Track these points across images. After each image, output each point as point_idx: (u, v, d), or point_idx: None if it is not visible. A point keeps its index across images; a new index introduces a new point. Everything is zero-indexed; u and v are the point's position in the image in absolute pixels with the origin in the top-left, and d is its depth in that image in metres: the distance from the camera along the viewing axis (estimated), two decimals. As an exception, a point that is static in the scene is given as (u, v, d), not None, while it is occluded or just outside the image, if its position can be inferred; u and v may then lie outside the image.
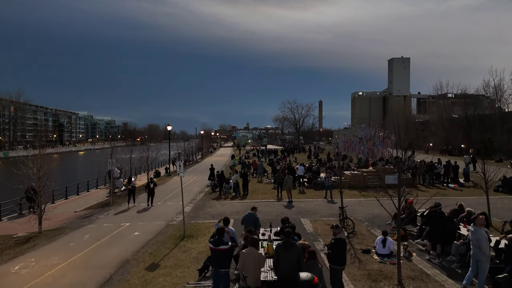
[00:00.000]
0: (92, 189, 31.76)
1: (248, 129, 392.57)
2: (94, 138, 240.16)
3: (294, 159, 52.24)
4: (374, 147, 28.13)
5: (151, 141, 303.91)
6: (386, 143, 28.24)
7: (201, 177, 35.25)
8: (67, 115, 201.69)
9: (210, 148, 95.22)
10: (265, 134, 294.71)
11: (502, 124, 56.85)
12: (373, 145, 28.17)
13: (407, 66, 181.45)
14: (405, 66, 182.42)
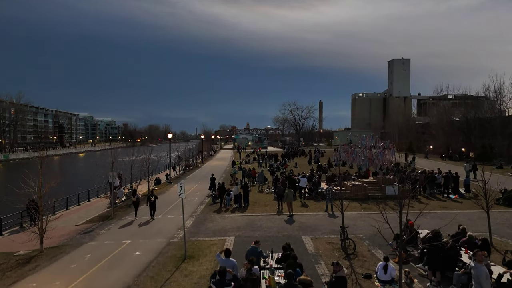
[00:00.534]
0: (92, 198, 31.76)
1: (248, 129, 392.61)
2: (94, 139, 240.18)
3: (294, 164, 52.26)
4: (374, 157, 28.08)
5: (151, 141, 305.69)
6: (386, 153, 28.18)
7: (202, 185, 35.22)
8: (68, 116, 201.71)
9: (210, 151, 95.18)
10: (266, 135, 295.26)
11: (503, 129, 56.81)
12: (374, 155, 28.12)
13: (407, 67, 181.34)
14: (405, 67, 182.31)
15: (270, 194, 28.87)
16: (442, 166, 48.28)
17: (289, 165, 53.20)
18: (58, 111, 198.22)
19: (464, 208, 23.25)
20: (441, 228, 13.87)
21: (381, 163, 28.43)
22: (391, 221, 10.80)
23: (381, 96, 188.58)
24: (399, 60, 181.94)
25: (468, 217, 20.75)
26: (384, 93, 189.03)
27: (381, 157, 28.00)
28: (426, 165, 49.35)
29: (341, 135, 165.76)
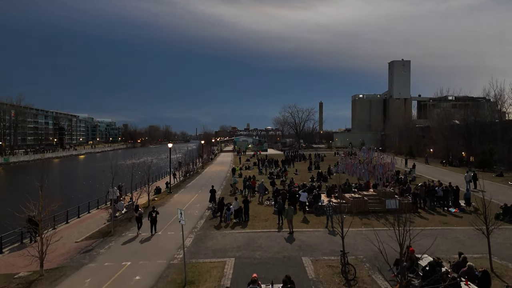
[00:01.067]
0: (92, 210, 31.68)
1: (249, 130, 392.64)
2: (94, 140, 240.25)
3: (294, 170, 52.21)
4: (374, 170, 28.07)
5: (151, 142, 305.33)
6: (386, 166, 28.16)
7: (202, 195, 35.15)
8: (68, 118, 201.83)
9: (210, 155, 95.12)
10: (266, 136, 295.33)
11: (503, 134, 56.80)
12: (374, 168, 28.10)
13: (408, 69, 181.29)
14: (406, 69, 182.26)
15: (270, 206, 28.86)
16: (442, 173, 48.30)
17: (289, 172, 53.19)
18: (58, 112, 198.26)
19: (464, 224, 23.22)
20: (442, 246, 13.87)
21: (381, 175, 28.40)
22: (392, 242, 10.82)
23: (381, 97, 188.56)
24: (399, 61, 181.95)
25: (468, 235, 20.74)
26: (384, 95, 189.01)
27: (381, 169, 27.99)
28: (426, 172, 49.39)
29: (341, 137, 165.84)
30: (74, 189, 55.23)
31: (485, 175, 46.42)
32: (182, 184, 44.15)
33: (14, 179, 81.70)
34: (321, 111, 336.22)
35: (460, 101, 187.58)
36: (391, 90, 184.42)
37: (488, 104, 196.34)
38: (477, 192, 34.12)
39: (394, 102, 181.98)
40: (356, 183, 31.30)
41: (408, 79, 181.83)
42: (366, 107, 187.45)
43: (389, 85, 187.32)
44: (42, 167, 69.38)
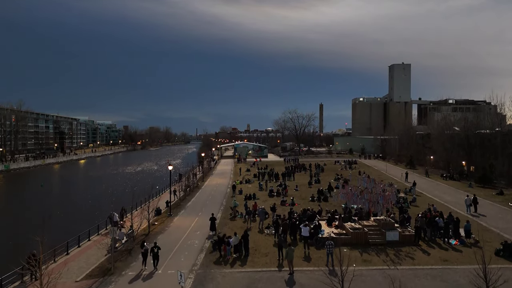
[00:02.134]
0: (93, 236, 31.56)
1: (249, 131, 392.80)
2: (95, 143, 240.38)
3: (295, 186, 52.07)
4: (375, 199, 28.08)
5: (151, 144, 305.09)
6: (387, 197, 28.15)
7: (202, 219, 35.06)
8: (68, 121, 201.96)
9: (211, 163, 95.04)
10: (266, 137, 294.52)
11: (503, 148, 56.77)
12: (374, 198, 28.11)
13: (408, 72, 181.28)
14: (406, 72, 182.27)
15: (270, 236, 28.81)
16: (442, 190, 48.11)
17: (290, 186, 53.21)
18: (58, 116, 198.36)
19: (464, 261, 23.11)
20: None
21: (382, 206, 28.39)
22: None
23: (382, 101, 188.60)
24: (400, 65, 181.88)
25: (468, 278, 20.66)
26: (385, 98, 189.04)
27: (382, 200, 27.99)
28: (427, 189, 49.25)
29: (341, 141, 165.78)
30: (74, 205, 55.27)
31: (485, 192, 46.66)
32: (182, 203, 44.10)
33: (14, 188, 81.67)
34: (321, 112, 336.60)
35: (460, 105, 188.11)
36: (392, 94, 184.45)
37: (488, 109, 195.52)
38: (477, 216, 34.16)
39: (394, 106, 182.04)
40: (356, 209, 31.19)
41: (409, 83, 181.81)
42: (366, 111, 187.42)
43: (389, 88, 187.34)
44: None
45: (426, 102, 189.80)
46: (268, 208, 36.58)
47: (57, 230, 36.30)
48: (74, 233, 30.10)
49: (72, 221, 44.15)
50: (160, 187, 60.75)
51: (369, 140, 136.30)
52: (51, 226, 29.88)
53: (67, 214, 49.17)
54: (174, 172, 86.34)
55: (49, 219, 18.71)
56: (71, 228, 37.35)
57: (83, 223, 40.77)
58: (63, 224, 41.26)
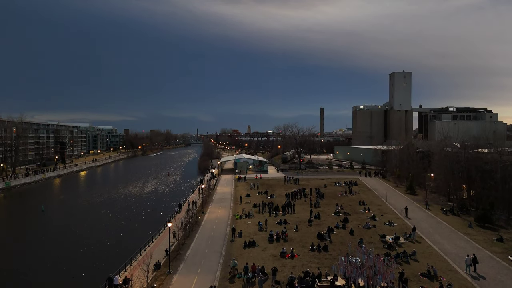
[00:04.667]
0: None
1: (250, 133, 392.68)
2: (96, 149, 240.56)
3: (295, 225, 51.83)
4: (374, 276, 27.97)
5: (152, 149, 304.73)
6: (386, 274, 28.05)
7: (201, 280, 35.02)
8: (69, 129, 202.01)
9: (211, 180, 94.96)
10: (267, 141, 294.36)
11: (503, 184, 56.58)
12: (374, 274, 28.01)
13: (408, 80, 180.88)
14: (406, 80, 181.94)
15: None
16: (443, 233, 47.50)
17: (290, 223, 53.19)
18: (59, 125, 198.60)
19: None
20: None
21: (381, 280, 28.26)
22: None
23: (382, 108, 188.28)
24: (400, 73, 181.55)
25: None
26: (385, 106, 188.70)
27: (380, 279, 27.89)
28: (427, 231, 48.97)
29: (341, 150, 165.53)
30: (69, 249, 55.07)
31: (484, 237, 46.52)
32: (182, 250, 43.97)
33: (14, 210, 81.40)
34: (322, 116, 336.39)
35: (461, 112, 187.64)
36: (392, 102, 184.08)
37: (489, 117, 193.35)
38: (477, 279, 34.06)
39: (395, 114, 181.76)
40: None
41: (409, 91, 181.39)
42: (367, 118, 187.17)
43: (390, 96, 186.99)
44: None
45: (427, 110, 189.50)
46: (267, 262, 36.50)
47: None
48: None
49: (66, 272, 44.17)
50: (160, 221, 60.78)
51: (370, 151, 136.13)
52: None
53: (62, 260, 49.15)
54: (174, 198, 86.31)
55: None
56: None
57: (76, 278, 40.89)
58: (56, 279, 41.14)
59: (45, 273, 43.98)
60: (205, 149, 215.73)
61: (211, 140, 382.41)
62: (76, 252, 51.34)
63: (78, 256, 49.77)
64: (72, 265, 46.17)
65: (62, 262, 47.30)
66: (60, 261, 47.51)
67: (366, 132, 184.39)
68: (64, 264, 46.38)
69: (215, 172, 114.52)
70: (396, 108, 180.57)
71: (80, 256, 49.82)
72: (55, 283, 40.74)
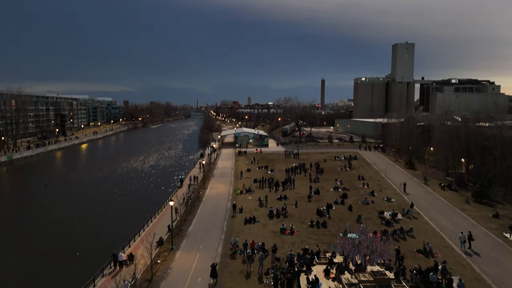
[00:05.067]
0: (98, 280, 32.47)
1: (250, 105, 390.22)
2: (96, 121, 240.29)
3: (294, 202, 52.56)
4: (371, 254, 28.73)
5: (152, 121, 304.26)
6: (383, 253, 28.77)
7: (203, 256, 35.98)
8: (68, 102, 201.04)
9: (212, 154, 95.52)
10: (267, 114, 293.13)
11: (502, 160, 56.88)
12: (371, 253, 28.76)
13: (411, 52, 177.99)
14: (409, 52, 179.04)
15: (270, 287, 29.65)
16: (440, 209, 48.06)
17: (289, 199, 53.96)
18: (58, 97, 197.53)
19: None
20: None
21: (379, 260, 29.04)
22: None
23: (384, 81, 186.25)
24: (403, 44, 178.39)
25: None
26: (387, 78, 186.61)
27: (377, 259, 28.66)
28: (425, 208, 49.70)
29: (342, 123, 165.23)
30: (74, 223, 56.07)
31: (481, 213, 47.33)
32: (184, 226, 44.90)
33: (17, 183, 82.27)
34: (323, 88, 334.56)
35: (463, 84, 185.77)
36: (394, 74, 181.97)
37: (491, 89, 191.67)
38: (470, 255, 34.98)
39: (396, 86, 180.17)
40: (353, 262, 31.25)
41: (412, 62, 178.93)
42: (368, 91, 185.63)
43: (392, 68, 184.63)
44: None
45: (429, 82, 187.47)
46: (268, 238, 37.46)
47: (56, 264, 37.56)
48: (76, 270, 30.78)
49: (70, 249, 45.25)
50: (162, 196, 61.77)
51: (370, 124, 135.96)
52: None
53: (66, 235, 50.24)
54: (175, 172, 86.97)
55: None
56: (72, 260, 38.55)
57: (81, 254, 41.91)
58: (62, 255, 42.16)
59: (49, 249, 45.07)
60: (205, 122, 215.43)
61: (211, 111, 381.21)
62: (79, 227, 52.41)
63: (82, 231, 50.80)
64: (76, 240, 47.24)
65: (66, 237, 48.37)
66: (64, 237, 48.55)
67: (367, 105, 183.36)
68: (68, 240, 47.43)
69: (216, 146, 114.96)
70: (398, 80, 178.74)
71: (84, 231, 50.85)
72: (59, 259, 41.82)
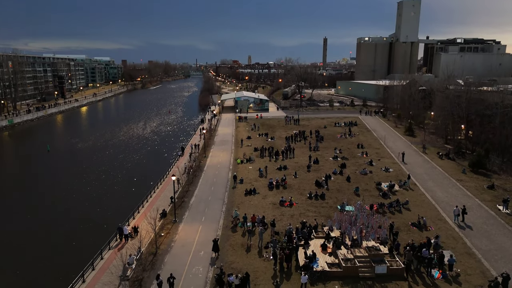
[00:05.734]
0: (105, 252, 33.88)
1: (250, 65, 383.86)
2: (94, 82, 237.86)
3: (294, 173, 53.49)
4: (367, 231, 29.89)
5: (151, 81, 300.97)
6: (379, 231, 29.89)
7: (205, 229, 37.33)
8: (65, 62, 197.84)
9: (212, 120, 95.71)
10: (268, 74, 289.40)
11: (501, 129, 57.16)
12: (366, 229, 29.91)
13: (417, 10, 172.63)
14: (415, 9, 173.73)
15: (269, 262, 31.02)
16: (436, 179, 48.89)
17: (289, 168, 54.88)
18: (55, 57, 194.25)
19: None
20: None
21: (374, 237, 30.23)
22: None
23: (387, 40, 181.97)
24: (409, 1, 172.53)
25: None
26: (391, 37, 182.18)
27: (373, 236, 29.80)
28: (421, 177, 50.67)
29: (343, 85, 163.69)
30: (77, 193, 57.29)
31: (476, 184, 48.35)
32: (186, 197, 46.07)
33: (22, 150, 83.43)
34: (325, 47, 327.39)
35: (469, 44, 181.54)
36: (398, 33, 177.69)
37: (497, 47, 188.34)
38: (463, 229, 36.24)
39: (400, 46, 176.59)
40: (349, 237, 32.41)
41: (417, 21, 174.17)
42: (371, 51, 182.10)
43: (396, 27, 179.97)
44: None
45: (434, 41, 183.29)
46: (267, 210, 38.76)
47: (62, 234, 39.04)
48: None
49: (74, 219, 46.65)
50: (164, 163, 62.86)
51: (372, 87, 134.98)
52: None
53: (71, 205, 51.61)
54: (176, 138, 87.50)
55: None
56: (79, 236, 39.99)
57: (85, 225, 43.33)
58: (66, 225, 43.62)
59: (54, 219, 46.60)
60: (205, 84, 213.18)
61: (210, 71, 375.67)
62: (83, 196, 53.78)
63: (85, 202, 52.06)
64: (81, 210, 48.67)
65: (71, 207, 49.76)
66: (69, 206, 49.94)
67: (369, 66, 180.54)
68: (73, 210, 48.83)
69: (216, 111, 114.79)
70: (402, 40, 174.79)
71: (87, 201, 52.16)
72: (63, 231, 43.36)
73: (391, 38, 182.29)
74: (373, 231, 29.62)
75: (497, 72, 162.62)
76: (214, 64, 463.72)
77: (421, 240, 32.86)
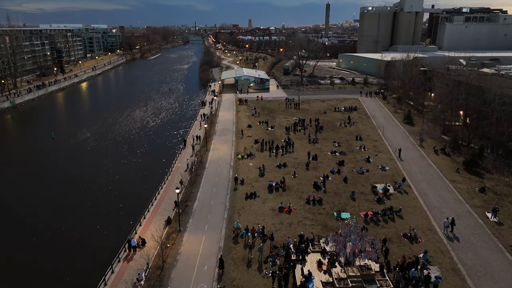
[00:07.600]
0: (115, 264, 36.44)
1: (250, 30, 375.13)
2: (92, 52, 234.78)
3: (293, 172, 55.16)
4: (359, 254, 31.99)
5: (150, 50, 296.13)
6: (371, 254, 31.93)
7: (208, 239, 39.62)
8: (63, 34, 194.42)
9: (213, 103, 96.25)
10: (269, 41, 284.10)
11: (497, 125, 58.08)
12: (359, 252, 31.98)
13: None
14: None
15: (268, 279, 33.43)
16: (430, 180, 50.12)
17: (289, 166, 56.54)
18: (52, 29, 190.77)
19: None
20: None
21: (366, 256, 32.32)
22: None
23: (391, 10, 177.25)
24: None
25: None
26: (395, 7, 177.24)
27: (366, 258, 31.86)
28: (415, 179, 52.15)
29: (345, 58, 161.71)
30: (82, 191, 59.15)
31: (468, 186, 50.11)
32: (189, 202, 48.06)
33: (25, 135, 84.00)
34: (328, 13, 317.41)
35: (474, 13, 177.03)
36: (403, 2, 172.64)
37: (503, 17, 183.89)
38: (451, 241, 38.40)
39: (404, 16, 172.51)
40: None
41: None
42: (374, 21, 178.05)
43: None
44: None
45: (439, 10, 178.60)
46: (267, 217, 40.92)
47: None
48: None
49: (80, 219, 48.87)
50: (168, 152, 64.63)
51: (373, 62, 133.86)
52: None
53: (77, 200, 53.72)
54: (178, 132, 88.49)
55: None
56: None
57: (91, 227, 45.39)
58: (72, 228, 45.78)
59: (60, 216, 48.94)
60: (205, 56, 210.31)
61: (210, 36, 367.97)
62: (90, 191, 55.93)
63: (92, 198, 54.15)
64: (89, 210, 50.91)
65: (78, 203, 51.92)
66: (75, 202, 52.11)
67: (372, 36, 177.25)
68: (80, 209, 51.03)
69: (216, 89, 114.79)
70: (406, 10, 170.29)
71: (95, 196, 54.29)
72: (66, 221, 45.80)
73: (395, 8, 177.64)
74: (365, 254, 31.73)
75: (501, 44, 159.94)
76: (213, 28, 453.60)
77: (410, 254, 35.16)
